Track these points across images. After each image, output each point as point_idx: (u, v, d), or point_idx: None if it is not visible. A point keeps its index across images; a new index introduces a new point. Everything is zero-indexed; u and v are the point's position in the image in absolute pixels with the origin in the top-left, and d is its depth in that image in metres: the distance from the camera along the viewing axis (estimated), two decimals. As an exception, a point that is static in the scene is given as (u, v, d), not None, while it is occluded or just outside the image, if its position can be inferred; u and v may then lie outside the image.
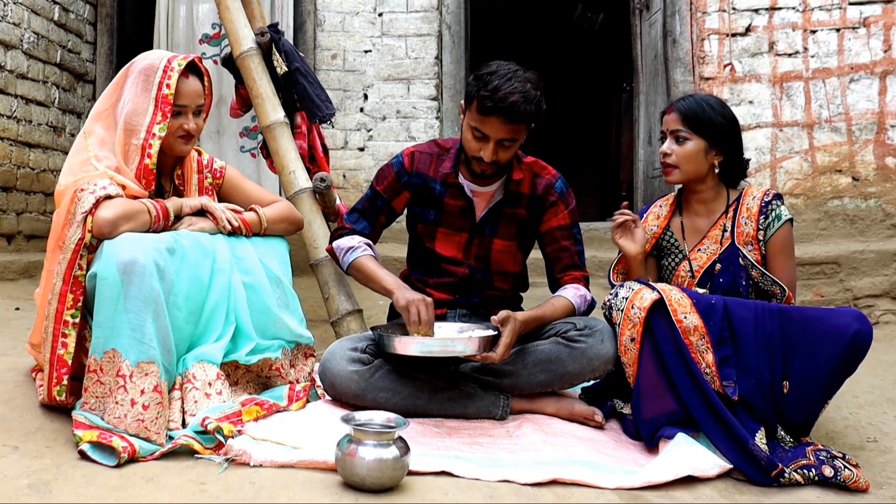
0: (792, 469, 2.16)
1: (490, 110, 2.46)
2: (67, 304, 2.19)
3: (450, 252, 2.75)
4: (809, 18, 5.07)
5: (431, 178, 2.75)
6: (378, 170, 2.87)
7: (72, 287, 2.20)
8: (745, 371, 2.33)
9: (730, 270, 2.57)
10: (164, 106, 2.43)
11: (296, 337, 2.58)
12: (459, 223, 2.74)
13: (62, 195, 2.35)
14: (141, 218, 2.30)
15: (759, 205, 2.60)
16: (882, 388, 3.11)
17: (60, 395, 2.18)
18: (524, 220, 2.75)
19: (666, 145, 2.67)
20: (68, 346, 2.19)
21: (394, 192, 2.79)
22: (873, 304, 4.49)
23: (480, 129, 2.52)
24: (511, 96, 2.43)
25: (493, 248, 2.74)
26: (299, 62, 3.60)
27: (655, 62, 5.58)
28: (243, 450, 2.04)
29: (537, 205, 2.75)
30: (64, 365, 2.18)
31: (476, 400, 2.57)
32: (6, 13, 4.73)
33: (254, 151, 5.60)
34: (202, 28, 5.67)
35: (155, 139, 2.42)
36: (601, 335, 2.51)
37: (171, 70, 2.45)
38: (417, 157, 2.78)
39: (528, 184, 2.74)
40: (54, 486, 1.85)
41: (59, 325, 2.19)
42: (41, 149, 5.15)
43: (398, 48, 5.77)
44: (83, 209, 2.21)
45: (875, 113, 4.97)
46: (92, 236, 2.20)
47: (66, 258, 2.20)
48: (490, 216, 2.73)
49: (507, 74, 2.48)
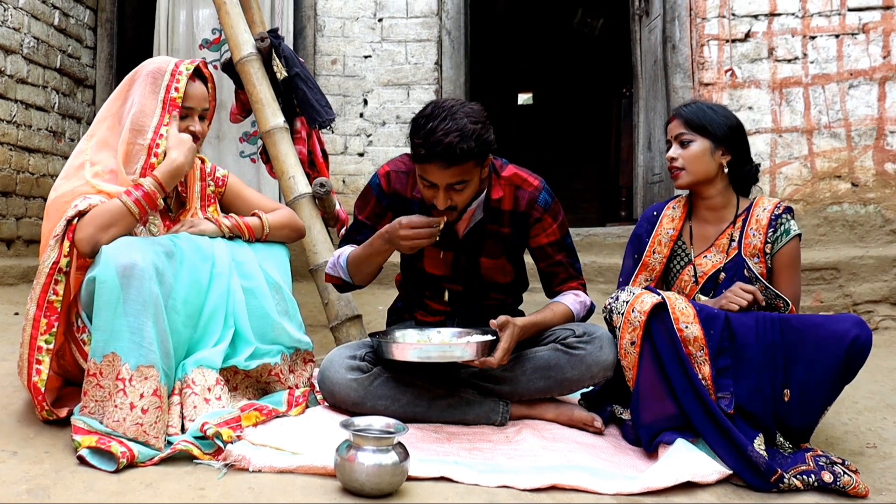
0: (791, 475, 2.16)
1: (426, 158, 2.34)
2: (41, 330, 2.17)
3: (439, 270, 2.70)
4: (809, 24, 5.09)
5: (409, 198, 2.65)
6: (357, 197, 2.76)
7: (46, 312, 2.18)
8: (746, 380, 2.32)
9: (734, 281, 2.56)
10: (172, 108, 2.45)
11: (295, 342, 2.58)
12: (443, 243, 2.60)
13: (50, 207, 2.34)
14: (122, 222, 2.28)
15: (769, 217, 2.59)
16: (881, 394, 3.11)
17: (50, 416, 2.18)
18: (509, 237, 2.66)
19: (671, 151, 2.68)
20: (41, 374, 2.16)
21: (377, 217, 2.69)
22: (873, 310, 4.49)
23: (426, 178, 2.40)
24: (445, 138, 2.28)
25: (480, 266, 2.68)
26: (299, 67, 3.61)
27: (655, 68, 5.59)
28: (242, 455, 2.04)
29: (521, 220, 2.65)
30: (38, 392, 2.15)
31: (475, 406, 2.57)
32: (6, 18, 4.74)
33: (253, 156, 5.61)
34: (202, 33, 5.69)
35: (162, 140, 2.43)
36: (600, 342, 2.50)
37: (179, 73, 2.48)
38: (393, 176, 2.67)
39: (510, 199, 2.63)
40: (53, 491, 1.85)
41: (32, 352, 2.16)
42: (41, 154, 5.15)
43: (398, 53, 5.78)
44: (56, 233, 2.21)
45: (874, 119, 4.98)
46: (70, 259, 2.20)
47: (39, 283, 2.19)
48: (472, 235, 2.65)
49: (440, 115, 2.33)
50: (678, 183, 2.66)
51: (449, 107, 2.36)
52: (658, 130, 5.56)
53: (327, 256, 3.29)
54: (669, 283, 2.71)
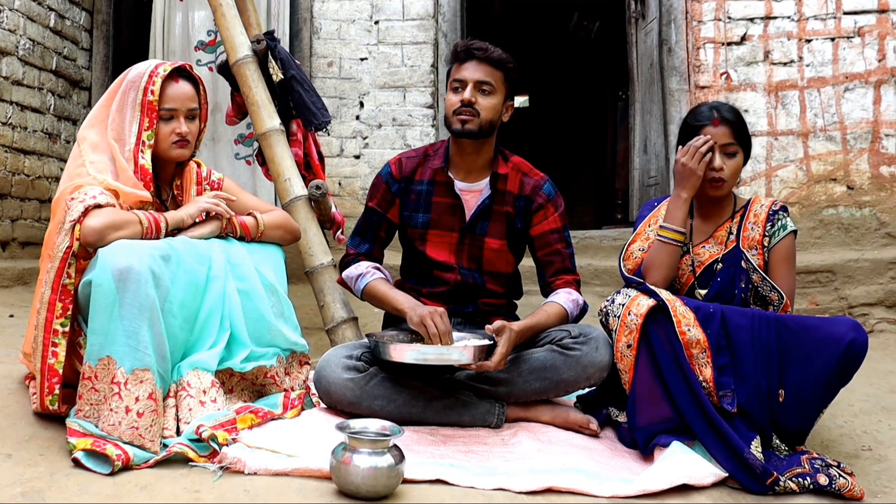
0: (787, 477, 2.16)
1: (465, 55, 2.65)
2: (56, 313, 2.18)
3: (441, 256, 2.74)
4: (804, 28, 5.10)
5: (418, 180, 2.77)
6: (370, 184, 2.87)
7: (60, 296, 2.19)
8: (742, 379, 2.33)
9: (730, 271, 2.57)
10: (150, 112, 2.43)
11: (291, 345, 2.57)
12: (450, 222, 2.73)
13: (57, 204, 2.34)
14: (130, 228, 2.27)
15: (767, 212, 2.61)
16: (877, 397, 3.12)
17: (53, 405, 2.17)
18: (512, 218, 2.74)
19: (719, 161, 2.54)
20: (59, 356, 2.18)
21: (387, 203, 2.79)
22: (868, 313, 4.49)
23: (458, 78, 2.66)
24: (484, 44, 2.64)
25: (485, 247, 2.73)
26: (295, 70, 3.61)
27: (651, 71, 5.60)
28: (238, 458, 2.04)
29: (524, 204, 2.75)
30: (55, 374, 2.17)
31: (471, 408, 2.57)
32: (2, 20, 4.73)
33: (248, 158, 5.60)
34: (198, 35, 5.68)
35: (145, 147, 2.42)
36: (596, 342, 2.51)
37: (155, 76, 2.44)
38: (405, 162, 2.80)
39: (516, 182, 2.75)
40: (48, 494, 1.85)
41: (48, 334, 2.18)
42: (36, 155, 5.14)
43: (394, 56, 5.78)
44: (71, 217, 2.21)
45: (869, 122, 4.99)
46: (80, 245, 2.20)
47: (54, 267, 2.19)
48: (480, 214, 2.72)
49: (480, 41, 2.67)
50: (718, 193, 2.58)
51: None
52: (654, 133, 5.56)
53: (323, 259, 3.29)
54: None
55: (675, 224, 2.54)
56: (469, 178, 2.74)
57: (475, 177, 2.74)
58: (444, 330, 2.42)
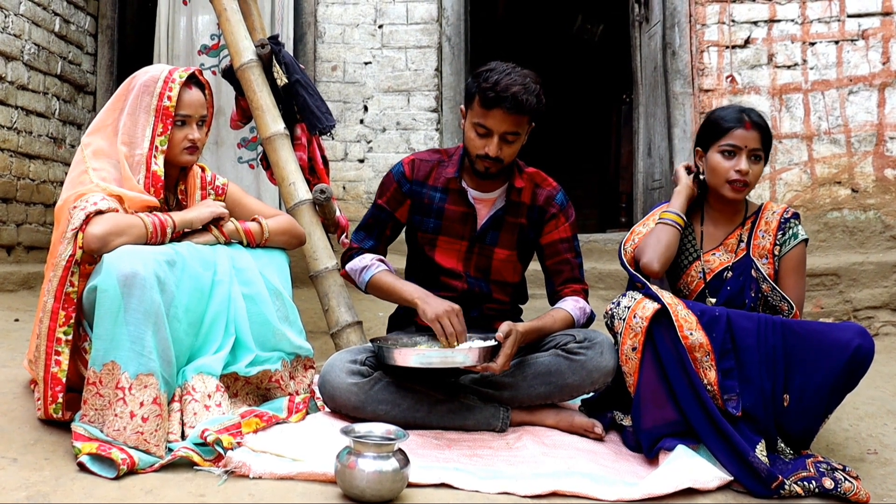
0: (792, 481, 2.16)
1: (492, 102, 2.48)
2: (59, 322, 2.18)
3: (449, 263, 2.74)
4: (808, 31, 5.09)
5: (431, 186, 2.75)
6: (380, 182, 2.86)
7: (63, 304, 2.19)
8: (747, 383, 2.33)
9: (740, 280, 2.56)
10: (165, 118, 2.43)
11: (295, 349, 2.58)
12: (460, 231, 2.73)
13: (61, 212, 2.34)
14: (134, 232, 2.26)
15: (779, 220, 2.60)
16: (882, 400, 3.11)
17: (57, 413, 2.18)
18: (524, 229, 2.74)
19: (744, 164, 2.55)
20: (62, 364, 2.18)
21: (396, 202, 2.79)
22: (873, 316, 4.48)
23: (484, 125, 2.53)
24: (512, 87, 2.47)
25: (493, 257, 2.73)
26: (299, 74, 3.61)
27: (655, 74, 5.59)
28: (242, 462, 2.04)
29: (537, 215, 2.75)
30: (58, 383, 2.17)
31: (476, 412, 2.57)
32: (7, 24, 4.74)
33: (252, 162, 5.61)
34: (201, 39, 5.69)
35: (158, 152, 2.42)
36: (601, 347, 2.51)
37: (172, 81, 2.44)
38: (418, 164, 2.78)
39: (530, 193, 2.74)
40: (53, 498, 1.85)
41: (51, 343, 2.18)
42: (41, 160, 5.16)
43: (398, 60, 5.79)
44: (73, 226, 2.21)
45: (874, 125, 4.98)
46: (83, 252, 2.20)
47: (57, 275, 2.20)
48: (492, 224, 2.72)
49: (505, 70, 2.52)
50: (738, 196, 2.59)
51: (512, 66, 2.56)
52: (658, 137, 5.56)
53: (328, 263, 3.29)
54: (677, 278, 2.69)
55: (675, 209, 2.59)
56: (483, 188, 2.73)
57: (489, 186, 2.73)
58: (460, 330, 2.42)
